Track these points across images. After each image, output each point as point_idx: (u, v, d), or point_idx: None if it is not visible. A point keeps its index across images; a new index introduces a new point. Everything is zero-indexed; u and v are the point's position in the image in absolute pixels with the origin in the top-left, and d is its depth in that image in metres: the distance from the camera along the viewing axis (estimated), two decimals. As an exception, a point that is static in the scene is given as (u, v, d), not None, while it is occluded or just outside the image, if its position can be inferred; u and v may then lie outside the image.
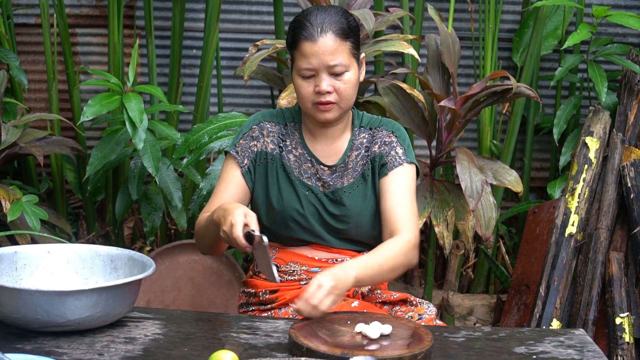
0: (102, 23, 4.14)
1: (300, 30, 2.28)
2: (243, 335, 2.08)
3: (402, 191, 2.36)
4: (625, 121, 3.85)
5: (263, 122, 2.43)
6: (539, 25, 3.81)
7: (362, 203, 2.38)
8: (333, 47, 2.26)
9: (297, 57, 2.29)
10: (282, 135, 2.42)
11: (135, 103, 3.30)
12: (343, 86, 2.29)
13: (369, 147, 2.41)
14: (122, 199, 3.65)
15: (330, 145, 2.41)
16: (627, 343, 3.45)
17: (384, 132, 2.42)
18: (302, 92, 2.31)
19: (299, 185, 2.39)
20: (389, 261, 2.23)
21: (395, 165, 2.37)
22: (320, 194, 2.39)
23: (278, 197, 2.38)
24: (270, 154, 2.40)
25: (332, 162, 2.41)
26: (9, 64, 3.74)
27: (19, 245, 2.79)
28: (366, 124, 2.44)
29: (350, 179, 2.40)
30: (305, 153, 2.41)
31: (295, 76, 2.32)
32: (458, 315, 4.00)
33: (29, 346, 1.94)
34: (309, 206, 2.38)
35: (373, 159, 2.40)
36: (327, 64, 2.26)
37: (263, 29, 4.23)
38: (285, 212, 2.37)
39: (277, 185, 2.39)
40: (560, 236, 3.66)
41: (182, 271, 3.59)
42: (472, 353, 2.03)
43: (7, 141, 3.35)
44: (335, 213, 2.38)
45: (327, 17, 2.27)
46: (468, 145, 4.15)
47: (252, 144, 2.41)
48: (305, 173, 2.40)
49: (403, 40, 3.31)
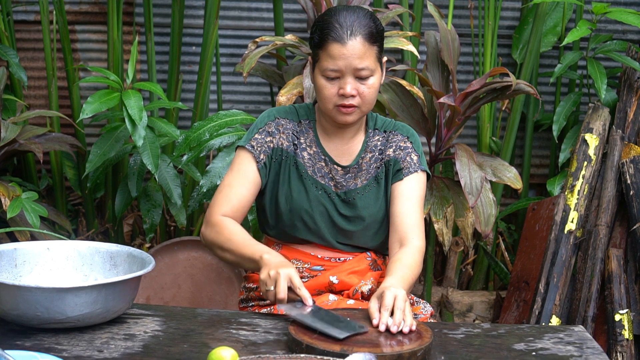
0: (101, 20, 4.13)
1: (328, 31, 2.24)
2: (242, 331, 2.08)
3: (414, 198, 2.36)
4: (624, 118, 3.85)
5: (278, 118, 2.40)
6: (538, 22, 3.81)
7: (373, 205, 2.38)
8: (362, 51, 2.23)
9: (323, 57, 2.25)
10: (296, 132, 2.40)
11: (134, 100, 3.30)
12: (367, 90, 2.27)
13: (383, 150, 2.40)
14: (121, 196, 3.65)
15: (345, 146, 2.40)
16: (626, 340, 3.45)
17: (399, 137, 2.41)
18: (325, 93, 2.28)
19: (311, 184, 2.37)
20: (415, 272, 2.25)
21: (410, 171, 2.37)
22: (332, 193, 2.38)
23: (288, 195, 2.37)
24: (285, 151, 2.38)
25: (345, 163, 2.40)
26: (8, 60, 3.74)
27: (19, 242, 2.79)
28: (380, 127, 2.42)
29: (363, 181, 2.39)
30: (319, 152, 2.39)
31: (318, 76, 2.29)
32: (457, 311, 4.01)
33: (29, 343, 1.94)
34: (319, 206, 2.36)
35: (387, 162, 2.39)
36: (355, 67, 2.24)
37: (262, 25, 4.23)
38: (293, 211, 2.36)
39: (288, 183, 2.37)
40: (560, 233, 3.66)
41: (181, 268, 3.59)
42: (471, 350, 2.03)
43: (6, 138, 3.35)
44: (346, 214, 2.38)
45: (357, 19, 2.24)
46: (467, 142, 4.15)
47: (269, 140, 2.38)
48: (319, 172, 2.38)
49: (402, 37, 3.31)
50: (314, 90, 2.35)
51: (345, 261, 2.41)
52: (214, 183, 3.19)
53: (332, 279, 2.36)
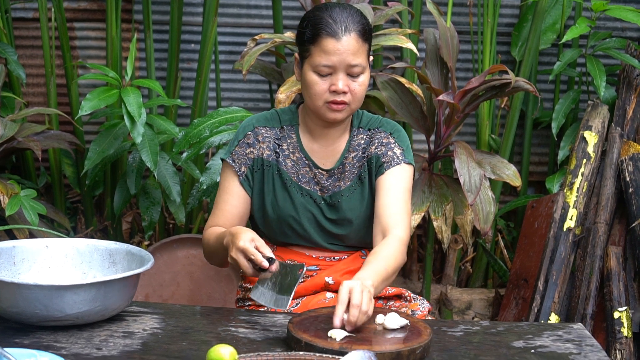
0: (100, 17, 4.13)
1: (322, 26, 2.23)
2: (241, 329, 2.08)
3: (398, 190, 2.33)
4: (623, 115, 3.85)
5: (257, 128, 2.39)
6: (537, 20, 3.81)
7: (359, 206, 2.37)
8: (355, 47, 2.23)
9: (316, 53, 2.24)
10: (278, 139, 2.39)
11: (133, 97, 3.30)
12: (358, 87, 2.27)
13: (366, 148, 2.38)
14: (120, 194, 3.64)
15: (329, 147, 2.39)
16: (625, 337, 3.45)
17: (382, 134, 2.39)
18: (315, 89, 2.26)
19: (296, 191, 2.36)
20: (392, 263, 2.20)
21: (392, 164, 2.35)
22: (318, 198, 2.37)
23: (274, 204, 2.36)
24: (266, 160, 2.37)
25: (329, 166, 2.39)
26: (6, 58, 3.73)
27: (17, 239, 2.79)
28: (365, 125, 2.41)
29: (347, 182, 2.37)
30: (302, 157, 2.38)
31: (308, 72, 2.27)
32: (456, 309, 4.01)
33: (27, 340, 1.94)
34: (306, 212, 2.36)
35: (369, 160, 2.37)
36: (348, 64, 2.23)
37: (262, 23, 4.23)
38: (281, 219, 2.36)
39: (273, 191, 2.37)
40: (559, 230, 3.66)
41: (180, 266, 3.59)
42: (470, 347, 2.03)
43: (5, 135, 3.34)
44: (333, 218, 2.37)
45: (350, 16, 2.24)
46: (467, 139, 4.15)
47: (248, 151, 2.37)
48: (304, 177, 2.37)
49: (402, 35, 3.31)
50: (302, 86, 2.32)
51: (340, 260, 2.41)
52: (214, 180, 3.19)
53: (328, 279, 2.36)
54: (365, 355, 1.71)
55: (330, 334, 1.93)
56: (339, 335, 1.92)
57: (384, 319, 2.02)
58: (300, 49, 2.31)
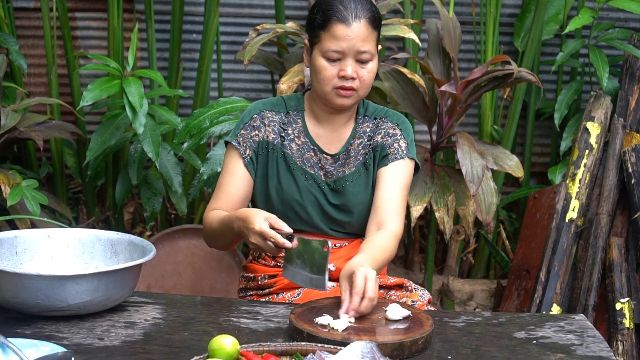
0: (101, 7, 4.12)
1: (333, 12, 2.26)
2: (243, 320, 2.08)
3: (398, 184, 2.36)
4: (626, 106, 3.84)
5: (264, 112, 2.41)
6: (540, 10, 3.79)
7: (363, 193, 2.38)
8: (365, 34, 2.26)
9: (325, 38, 2.27)
10: (283, 124, 2.41)
11: (135, 87, 3.29)
12: (366, 74, 2.29)
13: (372, 136, 2.40)
14: (122, 184, 3.64)
15: (334, 133, 2.41)
16: (627, 328, 3.45)
17: (388, 124, 2.41)
18: (324, 74, 2.29)
19: (301, 175, 2.38)
20: (387, 254, 2.24)
21: (397, 157, 2.37)
22: (322, 183, 2.38)
23: (278, 187, 2.37)
24: (271, 144, 2.39)
25: (334, 151, 2.40)
26: (8, 48, 3.73)
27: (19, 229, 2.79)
28: (371, 114, 2.43)
29: (352, 168, 2.39)
30: (308, 142, 2.40)
31: (317, 57, 2.29)
32: (458, 300, 4.01)
33: (29, 331, 1.94)
34: (309, 196, 2.37)
35: (375, 148, 2.39)
36: (358, 50, 2.26)
37: (263, 13, 4.22)
38: (284, 202, 2.37)
39: (277, 175, 2.38)
40: (561, 221, 3.66)
41: (182, 256, 3.59)
42: (472, 338, 2.03)
43: (6, 125, 3.34)
44: (337, 203, 2.38)
45: (360, 3, 2.28)
46: (469, 130, 4.15)
47: (254, 134, 2.39)
48: (308, 162, 2.39)
49: (404, 25, 3.30)
50: (311, 72, 2.35)
51: (341, 247, 2.41)
52: (215, 170, 3.19)
53: (330, 266, 2.36)
54: (367, 346, 1.71)
55: (332, 324, 1.93)
56: (341, 326, 1.92)
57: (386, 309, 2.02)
58: (310, 35, 2.34)
